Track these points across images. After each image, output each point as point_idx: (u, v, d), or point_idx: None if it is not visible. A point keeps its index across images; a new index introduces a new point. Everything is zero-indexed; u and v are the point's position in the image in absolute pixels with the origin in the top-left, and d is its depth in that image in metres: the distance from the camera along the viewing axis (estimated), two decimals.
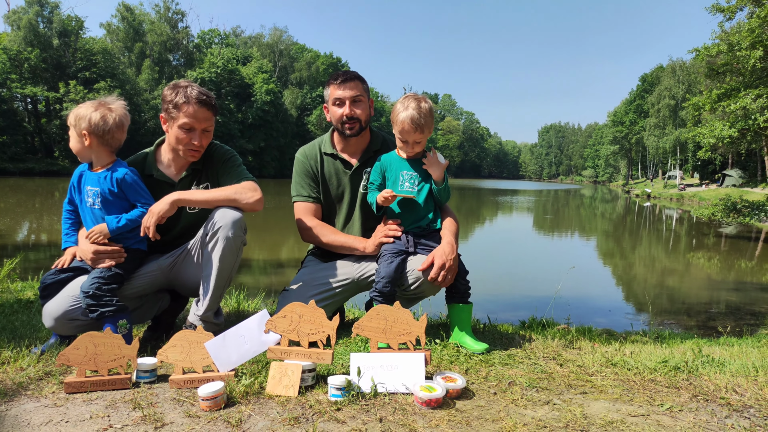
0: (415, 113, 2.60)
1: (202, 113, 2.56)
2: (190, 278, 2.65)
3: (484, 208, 32.77)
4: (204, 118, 2.57)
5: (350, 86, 2.83)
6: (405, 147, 2.72)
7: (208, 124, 2.61)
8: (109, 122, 2.44)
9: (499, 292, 8.68)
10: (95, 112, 2.44)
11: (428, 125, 2.66)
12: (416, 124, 2.61)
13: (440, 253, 2.58)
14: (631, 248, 16.48)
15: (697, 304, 8.78)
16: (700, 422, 1.84)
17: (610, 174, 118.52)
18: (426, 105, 2.65)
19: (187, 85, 2.57)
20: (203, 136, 2.61)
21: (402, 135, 2.67)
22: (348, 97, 2.82)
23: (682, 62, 63.22)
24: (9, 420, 1.77)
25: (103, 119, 2.43)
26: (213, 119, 2.64)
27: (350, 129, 2.85)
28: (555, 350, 2.67)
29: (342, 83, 2.83)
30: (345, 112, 2.82)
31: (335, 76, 2.87)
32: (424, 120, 2.62)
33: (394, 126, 2.70)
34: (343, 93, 2.82)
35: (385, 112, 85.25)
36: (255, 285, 7.60)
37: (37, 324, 2.92)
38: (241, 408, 1.87)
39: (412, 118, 2.60)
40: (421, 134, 2.65)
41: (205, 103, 2.56)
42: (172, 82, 2.62)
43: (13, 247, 11.05)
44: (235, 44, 77.25)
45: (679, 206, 38.53)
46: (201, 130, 2.59)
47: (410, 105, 2.62)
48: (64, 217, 2.67)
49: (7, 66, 50.43)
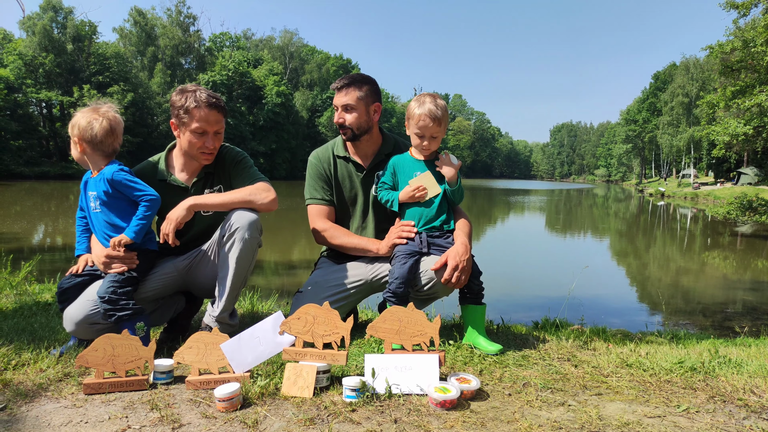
0: (432, 106, 2.67)
1: (213, 116, 2.58)
2: (205, 280, 2.68)
3: (496, 209, 32.66)
4: (215, 120, 2.60)
5: (343, 93, 2.86)
6: (421, 144, 2.74)
7: (219, 126, 2.63)
8: (95, 128, 2.44)
9: (512, 293, 8.65)
10: (83, 118, 2.45)
11: (445, 119, 2.71)
12: (434, 116, 2.66)
13: (453, 254, 2.58)
14: (644, 248, 16.34)
15: (713, 304, 8.68)
16: (717, 423, 1.83)
17: (623, 173, 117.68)
18: (441, 101, 2.72)
19: (195, 89, 2.59)
20: (216, 138, 2.63)
21: (420, 129, 2.70)
22: (340, 105, 2.86)
23: (695, 59, 62.63)
24: (30, 420, 1.80)
25: (89, 125, 2.44)
26: (223, 121, 2.67)
27: (344, 134, 2.91)
28: (569, 351, 2.66)
29: (338, 90, 2.88)
30: (337, 120, 2.88)
31: (336, 81, 2.92)
32: (441, 112, 2.68)
33: (410, 123, 2.74)
34: (337, 100, 2.88)
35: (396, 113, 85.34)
36: (267, 286, 7.65)
37: (55, 326, 2.97)
38: (257, 409, 1.88)
39: (430, 110, 2.66)
40: (438, 127, 2.69)
41: (214, 106, 2.58)
42: (180, 87, 2.63)
43: (29, 250, 11.19)
44: (246, 47, 77.80)
45: (694, 205, 38.13)
46: (213, 133, 2.61)
47: (426, 100, 2.70)
48: (77, 224, 2.71)
49: (23, 71, 51.17)
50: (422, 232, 2.74)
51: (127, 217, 2.50)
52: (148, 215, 2.47)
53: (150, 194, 2.48)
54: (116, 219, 2.49)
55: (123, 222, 2.49)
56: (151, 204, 2.47)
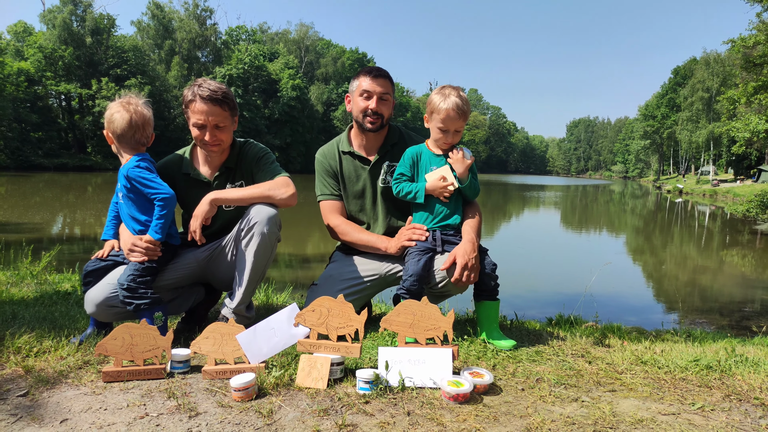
0: (458, 100, 2.64)
1: (210, 109, 2.56)
2: (224, 272, 2.72)
3: (511, 204, 32.49)
4: (212, 113, 2.57)
5: (381, 82, 2.85)
6: (445, 137, 2.71)
7: (218, 119, 2.59)
8: (118, 120, 2.48)
9: (526, 289, 8.62)
10: (111, 110, 2.51)
11: (469, 113, 2.71)
12: (460, 110, 2.64)
13: (462, 253, 2.55)
14: (661, 245, 16.17)
15: (731, 302, 8.57)
16: (733, 422, 1.81)
17: (641, 169, 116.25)
18: (464, 94, 2.70)
19: (201, 82, 2.60)
20: (217, 131, 2.61)
21: (444, 124, 2.67)
22: (377, 92, 2.83)
23: (716, 54, 61.54)
24: (51, 406, 1.84)
25: (113, 118, 2.49)
26: (225, 115, 2.62)
27: (371, 123, 2.86)
28: (583, 347, 2.65)
29: (374, 77, 2.85)
30: (371, 105, 2.83)
31: (369, 69, 2.89)
32: (467, 107, 2.67)
33: (434, 117, 2.71)
34: (373, 87, 2.84)
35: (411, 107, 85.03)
36: (282, 279, 7.71)
37: (75, 315, 3.02)
38: (272, 399, 1.91)
39: (457, 105, 2.63)
40: (463, 121, 2.68)
41: (212, 99, 2.55)
42: (191, 82, 2.67)
43: (48, 240, 11.39)
44: (261, 40, 78.06)
45: (712, 202, 37.59)
46: (212, 126, 2.59)
47: (451, 93, 2.66)
48: (110, 209, 2.76)
49: (43, 64, 51.96)
50: (436, 230, 2.72)
51: (146, 211, 2.54)
52: (164, 213, 2.50)
53: (163, 193, 2.49)
54: (136, 212, 2.54)
55: (142, 215, 2.54)
56: (165, 203, 2.49)
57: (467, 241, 2.61)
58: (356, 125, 2.96)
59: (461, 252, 2.55)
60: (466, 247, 2.57)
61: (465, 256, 2.54)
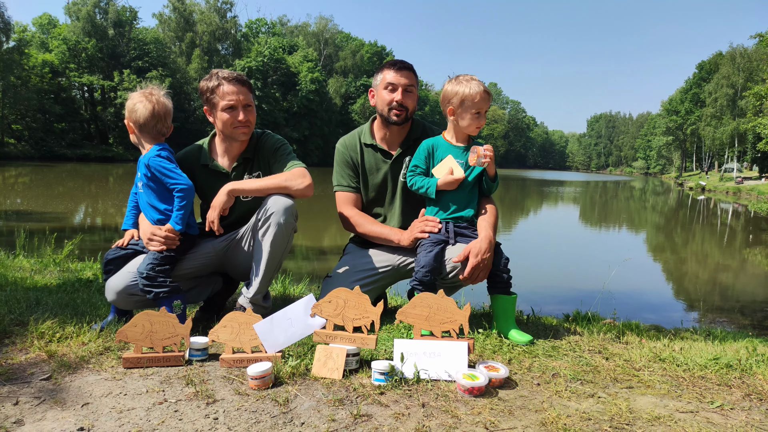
0: (481, 84, 2.69)
1: (238, 89, 2.67)
2: (241, 262, 2.75)
3: (529, 199, 32.24)
4: (241, 92, 2.67)
5: (405, 74, 2.85)
6: (479, 121, 2.70)
7: (246, 99, 2.70)
8: (139, 110, 2.53)
9: (544, 284, 8.56)
10: (132, 100, 2.57)
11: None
12: (487, 91, 2.70)
13: (476, 251, 2.54)
14: (682, 243, 15.92)
15: (753, 302, 8.42)
16: (752, 422, 1.79)
17: (663, 166, 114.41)
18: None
19: (216, 71, 2.70)
20: (247, 111, 2.70)
21: (478, 107, 2.68)
22: (402, 84, 2.84)
23: (743, 49, 60.07)
24: (73, 390, 1.88)
25: (135, 107, 2.54)
26: (250, 95, 2.74)
27: (397, 116, 2.85)
28: (601, 344, 2.63)
29: (399, 69, 2.85)
30: (397, 98, 2.83)
31: (393, 62, 2.90)
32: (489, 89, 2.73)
33: (464, 104, 2.68)
34: (398, 79, 2.84)
35: (429, 101, 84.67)
36: (299, 271, 7.76)
37: (96, 302, 3.08)
38: (288, 388, 1.93)
39: (483, 87, 2.69)
40: (489, 102, 2.73)
41: (237, 80, 2.68)
42: (205, 76, 2.74)
43: (71, 230, 11.59)
44: (281, 33, 78.15)
45: (736, 200, 36.87)
46: (243, 106, 2.68)
47: (468, 78, 2.72)
48: (129, 199, 2.81)
49: (66, 56, 52.79)
50: (449, 222, 2.72)
51: (165, 199, 2.58)
52: (184, 204, 2.54)
53: (182, 183, 2.52)
54: (156, 201, 2.59)
55: (162, 204, 2.57)
56: (185, 193, 2.53)
57: (484, 238, 2.58)
58: (380, 118, 2.96)
59: (476, 251, 2.54)
60: (482, 245, 2.55)
61: (478, 255, 2.53)
